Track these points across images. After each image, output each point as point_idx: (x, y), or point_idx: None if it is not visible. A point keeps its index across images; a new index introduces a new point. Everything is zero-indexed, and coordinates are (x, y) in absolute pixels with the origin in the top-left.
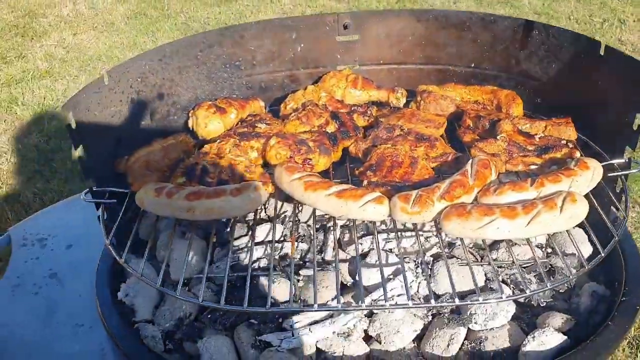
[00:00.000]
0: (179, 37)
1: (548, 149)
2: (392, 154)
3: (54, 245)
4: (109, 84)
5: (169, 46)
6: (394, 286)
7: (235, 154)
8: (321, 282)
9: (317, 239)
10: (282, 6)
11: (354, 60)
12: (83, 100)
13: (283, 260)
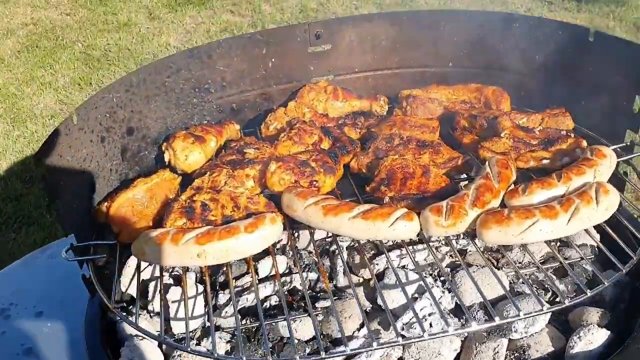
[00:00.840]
0: (80, 67)
1: (553, 142)
2: (401, 165)
3: (19, 314)
4: (78, 124)
5: (134, 75)
6: (422, 305)
7: (233, 185)
8: (342, 313)
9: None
10: (184, 26)
11: (328, 71)
12: (55, 146)
13: (293, 295)
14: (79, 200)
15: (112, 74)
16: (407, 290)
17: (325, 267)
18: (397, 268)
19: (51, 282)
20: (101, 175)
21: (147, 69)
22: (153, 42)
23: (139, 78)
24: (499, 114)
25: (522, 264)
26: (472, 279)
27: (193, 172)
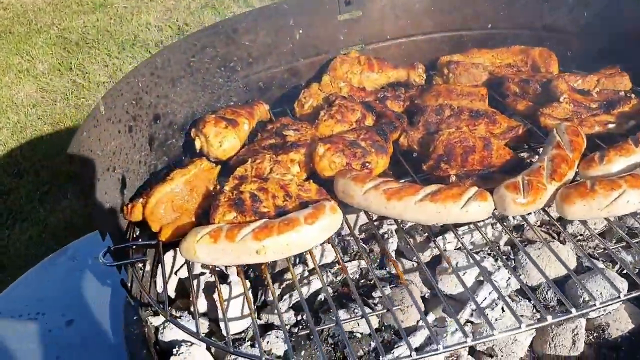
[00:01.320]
0: (59, 52)
1: (614, 104)
2: (460, 138)
3: (48, 324)
4: (106, 114)
5: (159, 56)
6: (488, 290)
7: (280, 172)
8: (403, 302)
9: (372, 252)
10: (163, 3)
11: (359, 40)
12: (85, 140)
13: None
14: (111, 198)
15: (93, 57)
16: (470, 273)
17: (375, 252)
18: (455, 250)
19: (76, 287)
20: (131, 169)
21: (171, 48)
22: (132, 22)
23: (163, 59)
24: (553, 77)
25: (584, 236)
26: (533, 261)
27: (228, 159)
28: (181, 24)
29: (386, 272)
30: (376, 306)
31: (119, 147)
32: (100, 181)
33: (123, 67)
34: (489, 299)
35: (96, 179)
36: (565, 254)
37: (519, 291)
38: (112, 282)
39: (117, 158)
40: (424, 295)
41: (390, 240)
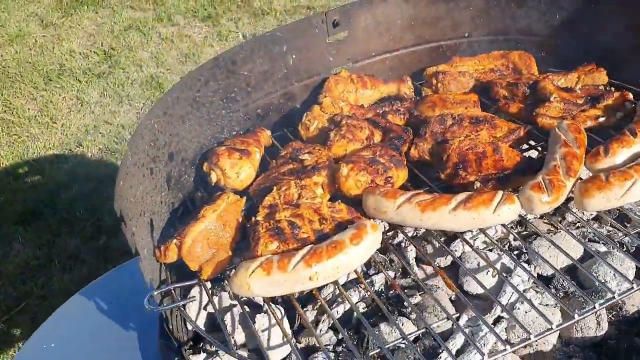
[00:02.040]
0: None
1: (598, 98)
2: (470, 146)
3: None
4: (132, 159)
5: (169, 95)
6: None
7: (308, 196)
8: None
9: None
10: (84, 29)
11: (347, 59)
12: (122, 190)
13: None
14: (145, 243)
15: (18, 91)
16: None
17: (395, 263)
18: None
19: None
20: (155, 211)
21: (179, 85)
22: (54, 51)
23: (173, 98)
24: (539, 78)
25: (582, 223)
26: (542, 257)
27: (245, 188)
28: (107, 48)
29: (411, 279)
30: (410, 314)
31: (144, 190)
32: (137, 228)
33: (53, 98)
34: (515, 295)
35: (134, 227)
36: (572, 242)
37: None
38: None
39: (145, 202)
40: (451, 297)
41: (409, 248)
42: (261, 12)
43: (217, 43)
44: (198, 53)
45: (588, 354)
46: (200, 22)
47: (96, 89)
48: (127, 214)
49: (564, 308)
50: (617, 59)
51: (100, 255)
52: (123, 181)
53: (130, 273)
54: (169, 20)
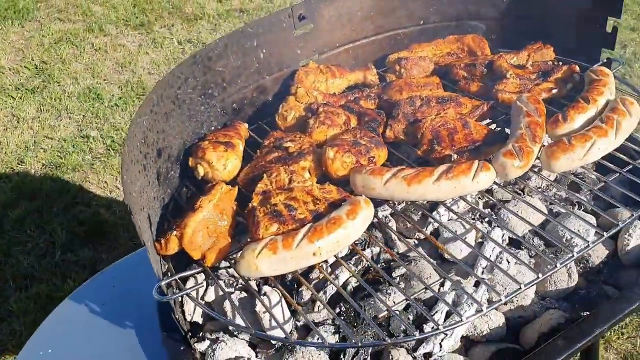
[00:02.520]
0: None
1: (549, 73)
2: (441, 123)
3: None
4: (129, 156)
5: (154, 93)
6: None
7: (299, 180)
8: (421, 274)
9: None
10: (11, 44)
11: (313, 51)
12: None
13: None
14: (147, 237)
15: None
16: (469, 238)
17: (379, 237)
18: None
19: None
20: (151, 206)
21: (161, 83)
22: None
23: (157, 95)
24: (493, 58)
25: (542, 188)
26: (517, 215)
27: (232, 179)
28: (38, 62)
29: (396, 252)
30: (399, 283)
31: (141, 187)
32: (140, 222)
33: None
34: (493, 256)
35: (139, 221)
36: (538, 205)
37: (509, 245)
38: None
39: (142, 197)
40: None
41: (390, 224)
42: (194, 17)
43: (153, 50)
44: (134, 61)
45: (563, 304)
46: (133, 30)
47: (32, 104)
48: (133, 207)
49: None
50: (560, 37)
51: (57, 271)
52: (126, 176)
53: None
54: (100, 31)
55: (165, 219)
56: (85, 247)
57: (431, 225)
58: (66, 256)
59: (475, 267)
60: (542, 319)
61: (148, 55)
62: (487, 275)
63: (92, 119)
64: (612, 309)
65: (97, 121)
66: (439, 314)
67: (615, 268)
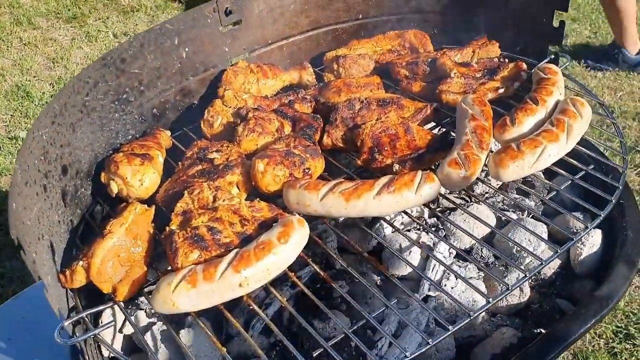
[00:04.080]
0: None
1: (495, 71)
2: (382, 128)
3: None
4: (23, 178)
5: (56, 101)
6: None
7: (225, 197)
8: (364, 293)
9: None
10: None
11: (243, 49)
12: (17, 213)
13: None
14: (48, 270)
15: None
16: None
17: (318, 254)
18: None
19: None
20: (54, 232)
21: (65, 90)
22: None
23: (60, 104)
24: (436, 55)
25: (490, 194)
26: (461, 228)
27: (151, 196)
28: None
29: (335, 270)
30: (340, 305)
31: (40, 211)
32: (37, 255)
33: None
34: (440, 271)
35: (34, 253)
36: (486, 212)
37: (458, 256)
38: None
39: (41, 223)
40: (376, 282)
41: (330, 239)
42: (130, 9)
43: (87, 44)
44: (67, 56)
45: (515, 321)
46: (65, 23)
47: None
48: (24, 239)
49: (495, 279)
50: (504, 31)
51: None
52: (16, 203)
53: (28, 302)
54: (29, 24)
55: (74, 245)
56: (13, 259)
57: (374, 240)
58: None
59: (421, 283)
60: (494, 338)
61: (82, 49)
62: (434, 292)
63: (21, 118)
64: (567, 328)
65: (26, 121)
66: (383, 340)
67: (569, 279)
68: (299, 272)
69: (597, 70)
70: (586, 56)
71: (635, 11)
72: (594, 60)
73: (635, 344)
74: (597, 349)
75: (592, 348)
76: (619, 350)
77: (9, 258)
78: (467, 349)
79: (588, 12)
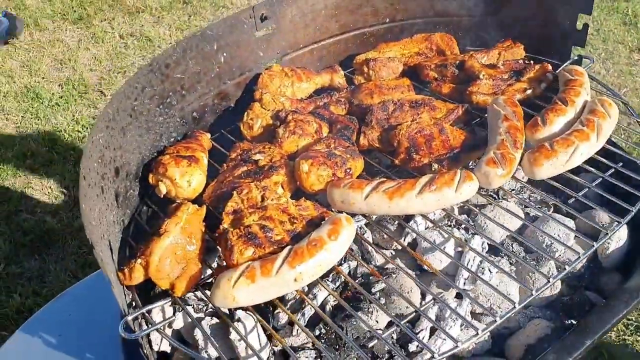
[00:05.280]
0: None
1: (521, 72)
2: (418, 129)
3: None
4: (86, 180)
5: (110, 107)
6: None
7: (273, 197)
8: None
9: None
10: None
11: (276, 53)
12: (88, 214)
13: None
14: (110, 267)
15: None
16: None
17: (355, 250)
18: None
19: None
20: (110, 231)
21: (117, 96)
22: None
23: (113, 109)
24: (464, 58)
25: (517, 190)
26: (495, 221)
27: (198, 197)
28: None
29: (372, 265)
30: (379, 299)
31: (100, 212)
32: (102, 253)
33: None
34: (474, 266)
35: (101, 252)
36: (514, 209)
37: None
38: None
39: (102, 224)
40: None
41: (366, 235)
42: (135, 9)
43: (93, 46)
44: (74, 58)
45: (546, 313)
46: (72, 25)
47: None
48: (92, 239)
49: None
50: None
51: (1, 286)
52: (85, 204)
53: (72, 300)
54: (36, 25)
55: (127, 244)
56: (31, 258)
57: (409, 235)
58: (10, 269)
59: (456, 278)
60: (527, 329)
61: (89, 50)
62: (469, 287)
63: (31, 119)
64: (599, 318)
65: (37, 122)
66: (424, 332)
67: (597, 272)
68: (341, 266)
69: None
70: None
71: None
72: None
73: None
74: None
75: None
76: (631, 342)
77: (27, 258)
78: (501, 341)
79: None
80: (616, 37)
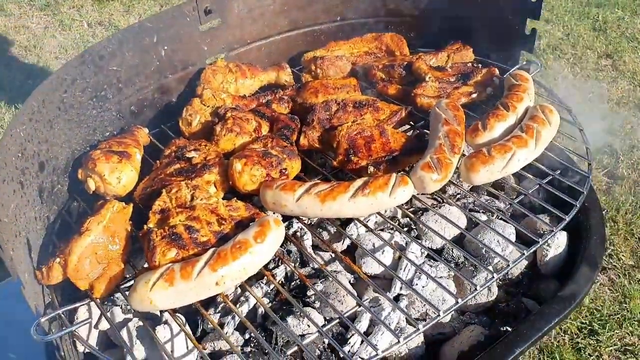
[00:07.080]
0: None
1: (468, 75)
2: (358, 130)
3: None
4: (1, 175)
5: (33, 99)
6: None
7: (202, 196)
8: (337, 292)
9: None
10: None
11: (222, 48)
12: None
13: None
14: (26, 267)
15: None
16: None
17: (293, 252)
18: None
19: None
20: (30, 229)
21: (43, 87)
22: None
23: (38, 101)
24: (412, 59)
25: (461, 195)
26: (432, 230)
27: (128, 194)
28: None
29: (310, 268)
30: (314, 303)
31: (17, 208)
32: (15, 251)
33: None
34: (411, 271)
35: (12, 250)
36: (457, 214)
37: (429, 256)
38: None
39: (19, 220)
40: (349, 280)
41: (305, 237)
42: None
43: (60, 33)
44: (40, 45)
45: (482, 319)
46: (39, 11)
47: None
48: (1, 237)
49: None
50: (478, 37)
51: None
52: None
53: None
54: (1, 10)
55: (51, 242)
56: None
57: (348, 239)
58: None
59: (394, 282)
60: (462, 336)
61: (55, 38)
62: (405, 291)
63: None
64: (531, 326)
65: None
66: (355, 337)
67: (535, 279)
68: (273, 271)
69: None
70: None
71: None
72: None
73: (599, 340)
74: (562, 344)
75: (557, 343)
76: (583, 346)
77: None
78: (436, 347)
79: (561, 14)
80: (585, 43)
